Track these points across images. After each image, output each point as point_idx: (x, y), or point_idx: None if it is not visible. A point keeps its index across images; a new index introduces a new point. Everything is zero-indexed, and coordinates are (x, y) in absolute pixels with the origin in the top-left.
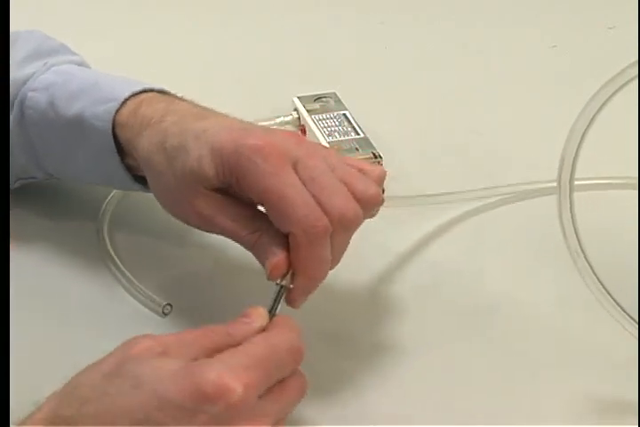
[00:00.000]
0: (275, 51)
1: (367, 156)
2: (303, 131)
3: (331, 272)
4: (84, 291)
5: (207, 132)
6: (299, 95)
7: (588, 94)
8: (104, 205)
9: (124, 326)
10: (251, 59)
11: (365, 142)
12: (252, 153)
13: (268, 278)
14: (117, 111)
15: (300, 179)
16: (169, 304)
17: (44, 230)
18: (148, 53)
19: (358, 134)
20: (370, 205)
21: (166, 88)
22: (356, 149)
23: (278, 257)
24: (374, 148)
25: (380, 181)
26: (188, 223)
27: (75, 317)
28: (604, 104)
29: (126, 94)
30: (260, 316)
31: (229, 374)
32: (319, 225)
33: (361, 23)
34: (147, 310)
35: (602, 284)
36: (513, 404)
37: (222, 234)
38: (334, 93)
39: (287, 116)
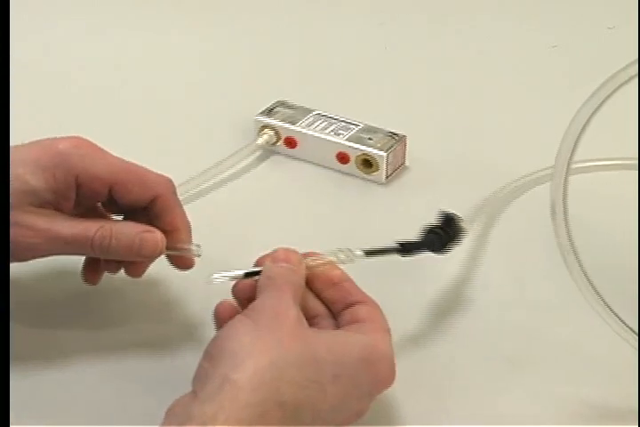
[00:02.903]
0: (264, 55)
1: (386, 140)
2: (292, 142)
3: None
4: (82, 288)
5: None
6: (258, 113)
7: (587, 94)
8: None
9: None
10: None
11: (371, 129)
12: (74, 149)
13: (150, 257)
14: None
15: None
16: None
17: None
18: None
19: (357, 125)
20: None
21: None
22: (369, 138)
23: (155, 232)
24: (383, 130)
25: None
26: (29, 251)
27: (75, 316)
28: (602, 102)
29: None
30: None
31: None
32: (170, 181)
33: (361, 23)
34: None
35: (601, 296)
36: (511, 407)
37: (66, 246)
38: (279, 101)
39: (262, 135)
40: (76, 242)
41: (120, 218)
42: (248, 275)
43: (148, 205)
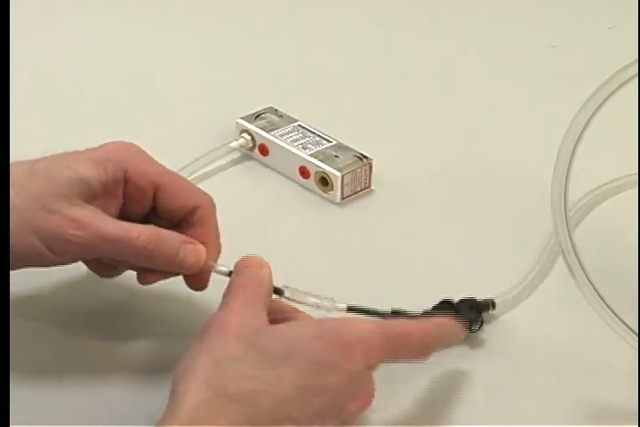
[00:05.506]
0: (263, 57)
1: (351, 160)
2: (265, 150)
3: None
4: (82, 289)
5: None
6: (241, 116)
7: (587, 94)
8: None
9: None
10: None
11: (342, 147)
12: (125, 149)
13: (191, 269)
14: None
15: None
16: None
17: None
18: None
19: (330, 142)
20: None
21: None
22: (336, 156)
23: (198, 244)
24: (354, 150)
25: None
26: (69, 245)
27: (75, 315)
28: (602, 103)
29: None
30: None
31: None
32: (212, 198)
33: (361, 23)
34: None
35: (601, 296)
36: (512, 407)
37: (107, 245)
38: (271, 107)
39: (239, 139)
40: (119, 242)
41: None
42: (230, 274)
43: (186, 217)
